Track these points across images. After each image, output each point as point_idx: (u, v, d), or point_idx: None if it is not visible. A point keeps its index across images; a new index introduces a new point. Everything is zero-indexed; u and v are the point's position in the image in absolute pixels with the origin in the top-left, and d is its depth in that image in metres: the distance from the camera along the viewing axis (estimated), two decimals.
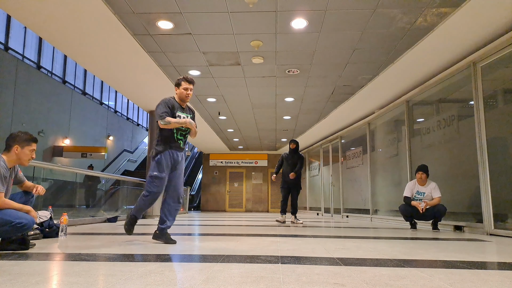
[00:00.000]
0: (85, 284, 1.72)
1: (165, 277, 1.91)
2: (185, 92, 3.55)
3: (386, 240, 4.01)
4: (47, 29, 4.83)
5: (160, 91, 7.44)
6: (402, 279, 1.91)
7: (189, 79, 3.58)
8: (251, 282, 1.79)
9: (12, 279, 1.82)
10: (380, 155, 8.37)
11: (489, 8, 4.09)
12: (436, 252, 2.97)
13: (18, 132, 3.08)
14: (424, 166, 5.50)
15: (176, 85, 3.60)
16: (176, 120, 3.41)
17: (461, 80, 5.51)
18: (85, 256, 2.60)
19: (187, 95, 3.56)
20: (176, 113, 3.51)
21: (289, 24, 4.61)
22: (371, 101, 7.81)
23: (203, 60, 5.79)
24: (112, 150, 17.01)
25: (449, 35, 4.74)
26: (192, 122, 3.51)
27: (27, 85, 11.52)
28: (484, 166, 4.78)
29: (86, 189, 9.10)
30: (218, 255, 2.66)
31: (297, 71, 6.26)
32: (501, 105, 4.93)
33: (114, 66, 6.10)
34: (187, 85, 3.55)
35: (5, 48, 10.87)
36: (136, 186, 9.69)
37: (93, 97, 15.98)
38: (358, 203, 9.42)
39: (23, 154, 3.02)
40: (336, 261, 2.45)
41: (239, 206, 16.53)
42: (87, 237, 4.01)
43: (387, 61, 5.67)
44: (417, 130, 6.79)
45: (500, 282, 1.87)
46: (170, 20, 4.53)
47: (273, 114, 9.36)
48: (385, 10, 4.24)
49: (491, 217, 4.66)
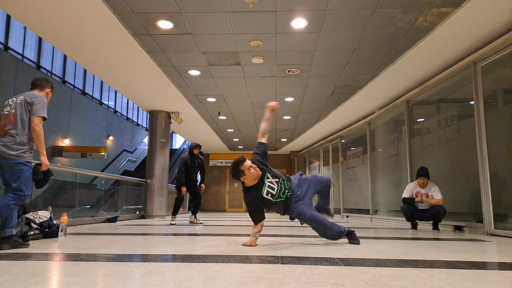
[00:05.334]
0: (85, 284, 1.72)
1: (165, 277, 1.90)
2: (254, 172, 3.25)
3: (386, 240, 4.01)
4: (47, 29, 4.83)
5: (160, 91, 7.44)
6: (402, 279, 1.91)
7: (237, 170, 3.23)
8: (251, 282, 1.79)
9: (12, 279, 1.82)
10: (380, 155, 8.37)
11: (489, 8, 4.09)
12: (436, 252, 2.97)
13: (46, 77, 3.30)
14: (424, 170, 5.47)
15: (240, 172, 3.23)
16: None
17: (461, 80, 5.51)
18: (85, 256, 2.59)
19: (254, 173, 3.25)
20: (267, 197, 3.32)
21: (289, 24, 4.60)
22: (371, 101, 7.81)
23: (203, 60, 5.79)
24: (112, 150, 16.99)
25: (449, 35, 4.74)
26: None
27: (27, 85, 11.48)
28: (484, 166, 4.78)
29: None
30: (218, 255, 2.66)
31: (297, 71, 6.26)
32: (501, 105, 4.93)
33: (114, 66, 6.10)
34: (247, 167, 3.21)
35: (5, 48, 10.87)
36: (136, 186, 9.68)
37: (92, 97, 15.97)
38: (358, 203, 9.42)
39: (48, 98, 3.43)
40: (336, 261, 2.44)
41: (239, 206, 16.52)
42: (87, 237, 4.01)
43: (387, 61, 5.66)
44: (417, 130, 6.79)
45: (500, 282, 1.86)
46: (170, 20, 4.53)
47: (273, 114, 9.35)
48: (385, 10, 4.24)
49: (491, 217, 4.66)
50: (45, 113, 3.21)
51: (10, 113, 3.15)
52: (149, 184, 8.97)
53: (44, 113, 3.19)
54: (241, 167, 3.18)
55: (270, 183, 3.29)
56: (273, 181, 3.31)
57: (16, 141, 3.07)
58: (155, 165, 9.02)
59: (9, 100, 3.27)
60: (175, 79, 6.66)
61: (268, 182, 3.29)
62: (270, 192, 3.26)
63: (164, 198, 9.11)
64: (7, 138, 3.08)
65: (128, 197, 9.71)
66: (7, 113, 3.17)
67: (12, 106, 3.18)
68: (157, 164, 9.04)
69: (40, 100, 3.21)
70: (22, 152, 3.09)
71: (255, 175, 3.22)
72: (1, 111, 3.23)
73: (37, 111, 3.15)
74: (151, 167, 9.03)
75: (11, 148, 3.04)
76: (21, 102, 3.18)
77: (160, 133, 9.13)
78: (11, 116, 3.14)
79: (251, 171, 3.18)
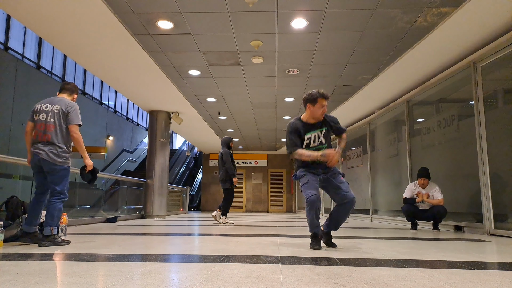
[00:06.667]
0: (85, 284, 1.72)
1: (165, 277, 1.90)
2: (320, 110, 3.18)
3: (386, 240, 4.01)
4: (47, 29, 4.83)
5: (160, 91, 7.44)
6: (402, 279, 1.91)
7: (325, 95, 3.16)
8: (251, 282, 1.79)
9: (12, 279, 1.82)
10: (380, 155, 8.37)
11: (489, 8, 4.09)
12: (436, 252, 2.97)
13: (72, 83, 3.65)
14: (424, 170, 5.47)
15: (310, 101, 3.17)
16: (308, 155, 3.15)
17: (461, 80, 5.51)
18: (85, 256, 2.59)
19: (322, 112, 3.20)
20: (305, 136, 3.25)
21: (289, 24, 4.60)
22: (371, 101, 7.81)
23: (203, 60, 5.79)
24: (112, 150, 16.99)
25: (449, 35, 4.74)
26: (328, 152, 3.11)
27: (27, 85, 11.51)
28: (484, 166, 4.78)
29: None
30: (218, 255, 2.66)
31: (297, 71, 6.26)
32: (501, 105, 4.92)
33: (114, 66, 6.10)
34: (324, 102, 3.17)
35: (5, 48, 10.87)
36: (136, 186, 9.68)
37: (92, 97, 15.97)
38: (358, 203, 9.41)
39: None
40: (336, 261, 2.44)
41: (239, 206, 16.52)
42: (87, 237, 4.01)
43: (387, 61, 5.66)
44: (417, 130, 6.79)
45: (500, 282, 1.86)
46: (170, 20, 4.53)
47: (273, 114, 9.36)
48: (385, 10, 4.24)
49: (491, 217, 4.66)
50: (80, 120, 3.49)
51: (49, 122, 3.38)
52: (149, 184, 8.98)
53: (79, 121, 3.47)
54: (320, 99, 3.16)
55: (317, 136, 3.28)
56: (321, 139, 3.29)
57: (61, 149, 3.37)
58: (155, 165, 9.02)
59: (42, 106, 3.44)
60: (175, 79, 6.66)
61: (318, 134, 3.28)
62: (312, 139, 3.27)
63: (164, 198, 9.11)
64: (51, 147, 3.35)
65: (128, 197, 9.71)
66: (44, 119, 3.39)
67: (49, 115, 3.40)
68: (157, 164, 9.04)
69: (74, 108, 3.46)
70: (66, 159, 3.42)
71: (318, 114, 3.20)
72: (34, 115, 3.44)
73: (74, 119, 3.42)
74: (151, 167, 9.03)
75: (58, 156, 3.36)
76: (58, 111, 3.41)
77: (160, 133, 9.13)
78: (51, 126, 3.38)
79: (318, 110, 3.18)
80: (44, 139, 3.35)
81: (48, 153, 3.32)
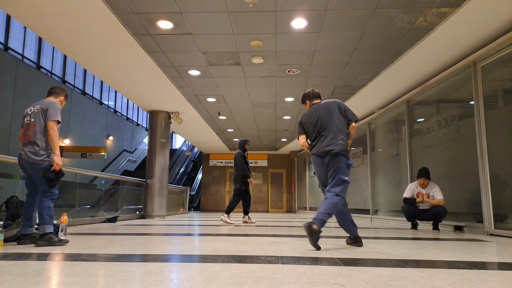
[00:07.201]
0: (85, 284, 1.72)
1: (165, 277, 1.90)
2: None
3: (386, 240, 4.01)
4: (47, 29, 4.83)
5: (160, 91, 7.43)
6: (402, 279, 1.91)
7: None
8: (251, 282, 1.79)
9: (12, 279, 1.82)
10: (380, 155, 8.37)
11: (489, 8, 4.09)
12: (436, 252, 2.97)
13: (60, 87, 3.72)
14: (424, 170, 5.47)
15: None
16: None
17: (461, 80, 5.51)
18: (85, 256, 2.59)
19: None
20: None
21: (289, 24, 4.60)
22: (371, 101, 7.81)
23: (203, 60, 5.79)
24: (112, 150, 16.99)
25: (449, 35, 4.74)
26: None
27: (27, 85, 11.51)
28: (484, 166, 4.78)
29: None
30: (218, 255, 2.66)
31: (297, 71, 6.26)
32: (501, 105, 4.92)
33: (114, 66, 6.10)
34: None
35: (5, 48, 10.87)
36: (136, 186, 9.67)
37: (92, 97, 15.97)
38: (358, 203, 9.41)
39: (62, 105, 3.67)
40: (336, 261, 2.44)
41: (239, 206, 16.50)
42: (87, 237, 4.01)
43: (387, 61, 5.66)
44: (417, 130, 6.79)
45: (500, 282, 1.86)
46: (170, 20, 4.53)
47: (273, 114, 9.36)
48: (385, 10, 4.24)
49: (491, 217, 4.66)
50: (59, 117, 3.44)
51: (31, 122, 3.42)
52: (149, 184, 8.97)
53: (57, 117, 3.42)
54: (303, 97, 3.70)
55: None
56: None
57: (39, 147, 3.35)
58: (155, 165, 9.02)
59: (27, 110, 3.52)
60: (175, 79, 6.66)
61: None
62: None
63: (164, 198, 9.11)
64: (31, 146, 3.36)
65: (128, 197, 9.70)
66: (28, 122, 3.44)
67: (31, 115, 3.44)
68: (157, 164, 9.04)
69: (53, 105, 3.46)
70: (46, 157, 3.37)
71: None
72: (23, 121, 3.49)
73: (51, 116, 3.41)
74: (151, 167, 9.03)
75: (36, 154, 3.33)
76: (38, 110, 3.44)
77: (160, 133, 9.13)
78: (32, 126, 3.40)
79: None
80: (27, 140, 3.39)
81: (27, 152, 3.34)
